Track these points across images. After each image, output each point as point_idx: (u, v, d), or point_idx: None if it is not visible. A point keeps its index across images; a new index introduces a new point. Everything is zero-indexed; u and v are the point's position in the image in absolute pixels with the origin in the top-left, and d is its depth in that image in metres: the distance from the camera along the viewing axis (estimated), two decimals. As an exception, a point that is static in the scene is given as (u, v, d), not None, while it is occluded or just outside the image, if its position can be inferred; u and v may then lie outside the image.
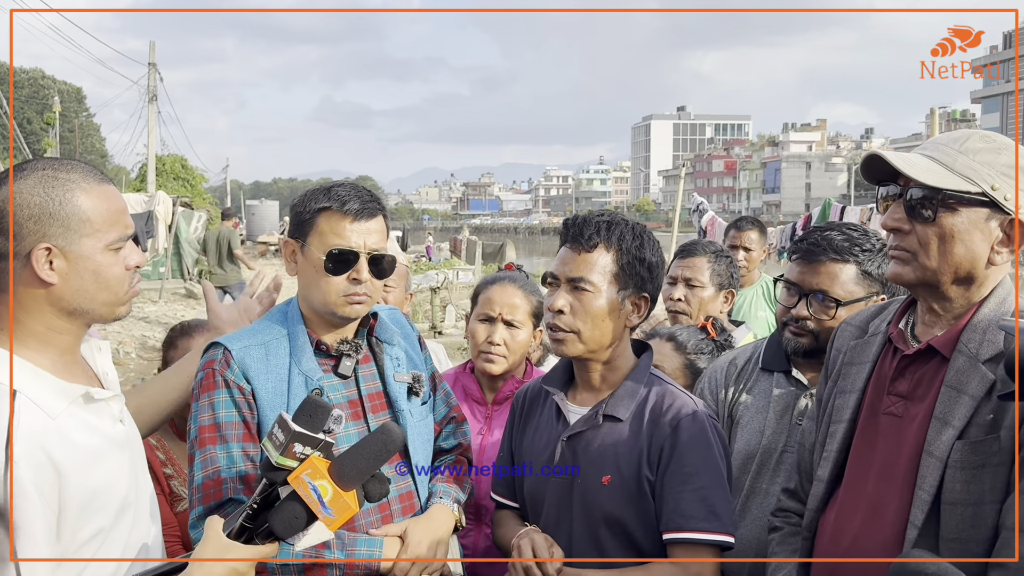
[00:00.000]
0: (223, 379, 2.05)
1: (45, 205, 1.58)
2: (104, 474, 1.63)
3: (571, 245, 2.06)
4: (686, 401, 2.04)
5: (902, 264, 1.71)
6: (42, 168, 1.62)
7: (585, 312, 2.02)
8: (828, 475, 1.84)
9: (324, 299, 2.10)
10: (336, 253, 2.07)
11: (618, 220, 2.08)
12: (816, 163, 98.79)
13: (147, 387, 2.34)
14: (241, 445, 2.03)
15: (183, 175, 25.95)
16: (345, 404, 2.13)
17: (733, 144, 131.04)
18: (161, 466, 2.75)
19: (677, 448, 1.97)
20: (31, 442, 1.50)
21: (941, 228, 1.65)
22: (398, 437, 1.68)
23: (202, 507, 1.99)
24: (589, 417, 2.07)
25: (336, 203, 2.09)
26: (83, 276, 1.62)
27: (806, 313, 2.33)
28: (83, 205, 1.61)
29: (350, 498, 1.60)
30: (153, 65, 27.44)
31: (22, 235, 1.57)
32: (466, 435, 2.46)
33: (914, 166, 1.67)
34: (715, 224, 9.90)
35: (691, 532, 1.92)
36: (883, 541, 1.67)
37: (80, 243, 1.61)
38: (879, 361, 1.82)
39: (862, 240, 2.33)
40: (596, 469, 2.02)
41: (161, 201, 18.67)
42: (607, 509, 1.99)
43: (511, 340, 2.73)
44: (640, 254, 2.05)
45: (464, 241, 30.97)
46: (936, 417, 1.64)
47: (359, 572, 2.03)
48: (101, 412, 1.69)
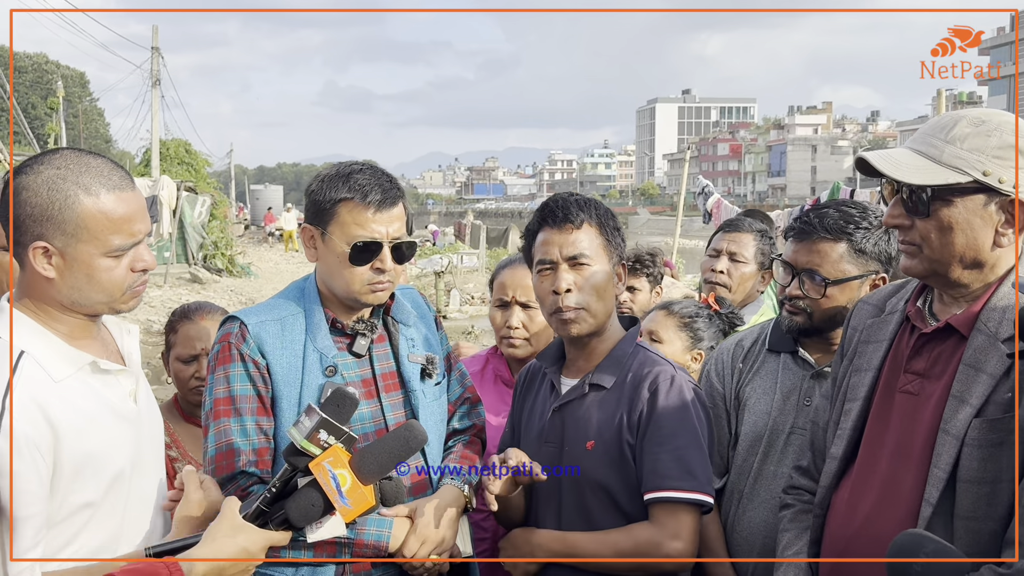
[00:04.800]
0: (239, 352, 2.08)
1: (46, 207, 1.61)
2: (101, 440, 1.66)
3: (559, 227, 2.11)
4: (665, 367, 2.10)
5: (910, 258, 1.71)
6: (57, 166, 1.63)
7: (590, 287, 2.07)
8: (842, 453, 1.84)
9: (348, 288, 2.12)
10: (360, 246, 2.08)
11: (587, 198, 2.17)
12: (822, 146, 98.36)
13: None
14: (255, 418, 2.06)
15: (187, 160, 25.91)
16: (359, 383, 2.15)
17: (738, 127, 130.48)
18: (167, 448, 2.75)
19: (655, 412, 2.03)
20: (30, 401, 1.55)
21: (939, 221, 1.64)
22: (421, 436, 1.72)
23: (215, 478, 2.01)
24: (577, 387, 2.14)
25: (358, 195, 2.08)
26: (77, 276, 1.65)
27: (799, 292, 2.31)
28: (83, 212, 1.62)
29: (368, 491, 1.63)
30: (156, 49, 27.34)
31: (22, 230, 1.62)
32: (480, 416, 2.47)
33: (899, 166, 1.65)
34: (720, 206, 9.86)
35: (667, 491, 1.98)
36: (897, 519, 1.66)
37: (76, 247, 1.63)
38: (896, 339, 1.81)
39: (858, 218, 2.30)
40: (581, 435, 2.09)
41: (165, 186, 18.70)
42: (592, 474, 2.06)
43: (529, 322, 2.71)
44: (615, 223, 2.17)
45: (468, 226, 30.96)
46: (953, 395, 1.63)
47: (367, 551, 2.05)
48: (111, 385, 1.73)
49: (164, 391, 8.74)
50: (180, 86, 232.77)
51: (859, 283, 2.29)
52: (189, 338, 2.85)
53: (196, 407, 2.78)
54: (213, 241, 21.90)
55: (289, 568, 2.04)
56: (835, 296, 2.28)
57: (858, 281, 2.29)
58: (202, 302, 3.08)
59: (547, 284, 2.09)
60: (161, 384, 9.62)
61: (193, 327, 2.86)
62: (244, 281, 21.35)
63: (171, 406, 2.92)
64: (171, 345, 2.91)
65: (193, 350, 2.83)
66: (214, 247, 21.89)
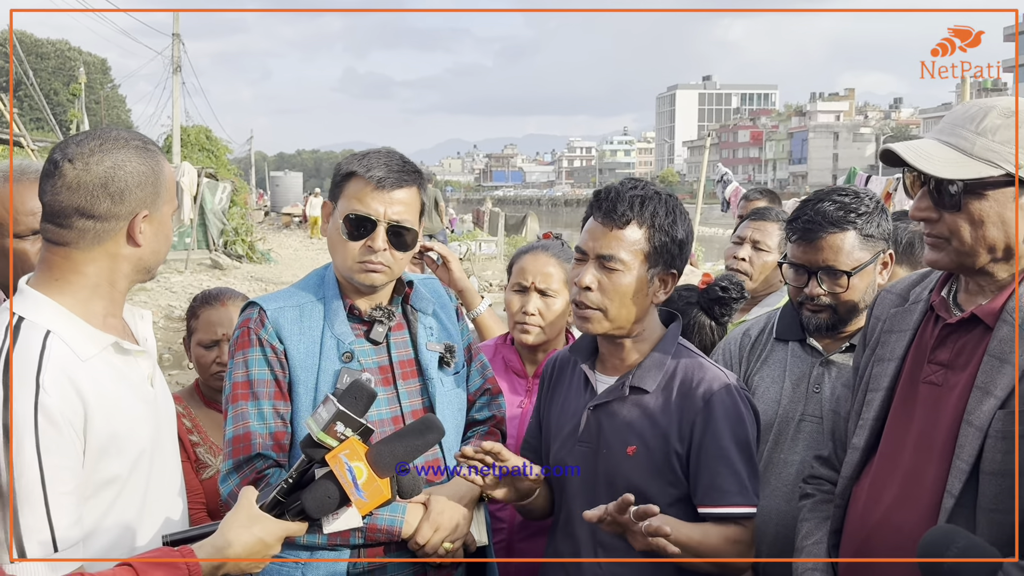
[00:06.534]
0: (257, 338, 2.11)
1: (148, 174, 1.73)
2: (126, 418, 1.69)
3: (602, 219, 2.00)
4: (717, 374, 2.02)
5: (937, 251, 1.68)
6: (125, 138, 1.74)
7: (613, 291, 1.98)
8: (863, 443, 1.82)
9: (342, 263, 2.16)
10: (353, 219, 2.11)
11: (651, 195, 2.00)
12: (844, 133, 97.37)
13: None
14: (272, 402, 2.09)
15: (208, 146, 26.03)
16: (375, 370, 2.16)
17: (759, 114, 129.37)
18: (187, 433, 2.78)
19: (711, 424, 1.96)
20: (60, 374, 1.58)
21: (970, 215, 1.61)
22: (438, 430, 1.72)
23: (232, 460, 2.07)
24: (615, 388, 2.06)
25: (363, 169, 2.13)
26: (158, 237, 1.78)
27: (819, 290, 2.32)
28: (168, 175, 1.79)
29: (384, 484, 1.64)
30: (177, 36, 27.46)
31: (127, 201, 1.69)
32: (500, 407, 2.46)
33: (930, 159, 1.62)
34: (738, 195, 9.80)
35: (727, 507, 1.94)
36: (919, 510, 1.65)
37: (162, 209, 1.77)
38: (920, 329, 1.79)
39: (855, 204, 2.31)
40: (621, 439, 2.02)
41: (186, 172, 18.79)
42: (631, 479, 1.98)
43: (546, 310, 2.69)
44: (672, 232, 2.00)
45: (487, 213, 30.93)
46: (978, 386, 1.61)
47: (380, 535, 2.06)
48: (132, 366, 1.77)
49: (186, 376, 8.84)
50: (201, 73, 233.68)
51: (873, 266, 2.33)
52: (210, 323, 2.87)
53: (217, 392, 2.80)
54: (233, 227, 22.00)
55: (304, 552, 2.06)
56: (857, 285, 2.31)
57: (872, 265, 2.33)
58: (223, 288, 3.10)
59: (575, 273, 2.04)
60: (183, 369, 9.73)
61: (214, 313, 2.88)
62: (264, 267, 21.46)
63: (192, 391, 2.95)
64: (192, 331, 2.93)
65: (214, 335, 2.85)
66: (234, 233, 21.99)
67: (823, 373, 2.34)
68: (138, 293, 14.45)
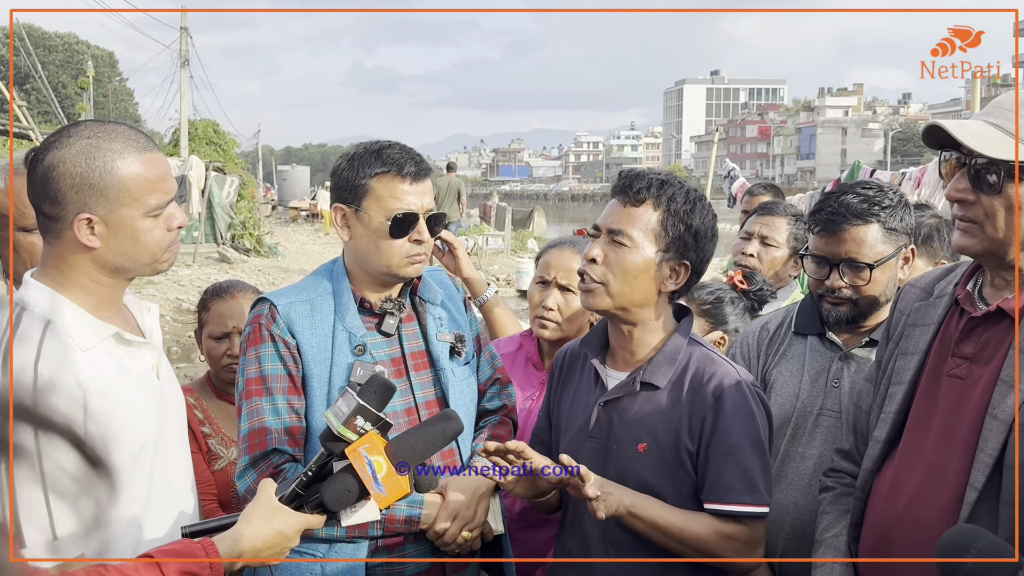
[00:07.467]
0: (269, 333, 2.11)
1: (87, 176, 1.64)
2: (128, 409, 1.68)
3: (619, 197, 2.02)
4: (728, 370, 2.00)
5: (968, 236, 1.66)
6: (87, 136, 1.66)
7: (618, 265, 1.97)
8: (885, 436, 1.81)
9: (387, 262, 2.14)
10: (400, 217, 2.10)
11: (673, 181, 2.02)
12: (852, 128, 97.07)
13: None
14: (286, 397, 2.09)
15: (215, 140, 26.04)
16: (388, 361, 2.17)
17: (767, 109, 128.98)
18: (199, 425, 2.79)
19: (720, 420, 1.94)
20: (58, 363, 1.58)
21: (1008, 199, 1.59)
22: (457, 425, 1.72)
23: (248, 456, 2.07)
24: (626, 383, 2.04)
25: (394, 167, 2.12)
26: (122, 240, 1.70)
27: (841, 283, 2.31)
28: (123, 175, 1.67)
29: (403, 479, 1.63)
30: (185, 29, 27.50)
31: (64, 203, 1.64)
32: (511, 397, 2.46)
33: (978, 137, 1.60)
34: (745, 190, 9.77)
35: (731, 505, 1.92)
36: (941, 503, 1.64)
37: (119, 211, 1.68)
38: (944, 323, 1.78)
39: (879, 197, 2.30)
40: (632, 436, 2.00)
41: (194, 166, 18.82)
42: (641, 476, 1.97)
43: (565, 305, 2.68)
44: (688, 219, 1.98)
45: (494, 207, 30.88)
46: (1002, 380, 1.60)
47: (399, 526, 2.07)
48: (134, 357, 1.76)
49: (194, 369, 8.86)
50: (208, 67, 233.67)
51: (895, 260, 2.32)
52: (221, 316, 2.87)
53: (229, 384, 2.80)
54: (241, 221, 22.02)
55: (322, 545, 2.06)
56: (878, 279, 2.29)
57: (894, 259, 2.31)
58: (234, 280, 3.10)
59: (588, 247, 2.05)
60: (191, 362, 9.76)
61: (225, 305, 2.88)
62: (271, 261, 21.48)
63: (204, 383, 2.95)
64: (203, 323, 2.94)
65: (225, 328, 2.85)
66: (242, 227, 22.02)
67: (842, 367, 2.33)
68: (146, 286, 14.50)
